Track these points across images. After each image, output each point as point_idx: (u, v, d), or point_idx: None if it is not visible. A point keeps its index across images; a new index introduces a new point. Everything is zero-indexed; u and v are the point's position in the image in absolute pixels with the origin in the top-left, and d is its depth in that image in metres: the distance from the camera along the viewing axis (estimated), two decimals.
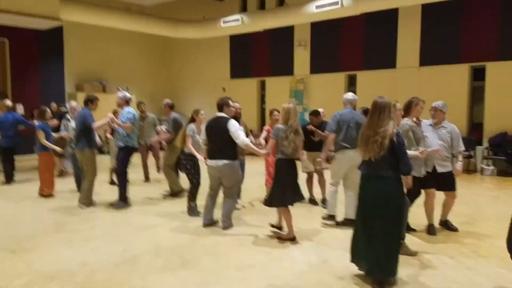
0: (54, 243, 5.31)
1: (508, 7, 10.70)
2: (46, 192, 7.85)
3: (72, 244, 5.25)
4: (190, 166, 6.51)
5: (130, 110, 7.08)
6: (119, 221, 6.35)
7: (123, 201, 7.10)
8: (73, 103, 8.91)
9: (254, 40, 15.46)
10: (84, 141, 7.05)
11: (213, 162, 5.71)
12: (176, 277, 4.23)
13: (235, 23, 13.88)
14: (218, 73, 16.67)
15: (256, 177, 8.11)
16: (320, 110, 7.39)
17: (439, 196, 5.65)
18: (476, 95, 11.58)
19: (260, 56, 15.49)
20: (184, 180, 7.30)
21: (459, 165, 5.61)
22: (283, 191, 5.21)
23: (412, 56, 12.21)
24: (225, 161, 5.65)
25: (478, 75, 11.46)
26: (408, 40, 12.22)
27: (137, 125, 7.30)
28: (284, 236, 5.38)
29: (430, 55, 11.89)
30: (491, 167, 10.67)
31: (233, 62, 16.39)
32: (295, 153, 5.27)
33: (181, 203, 7.00)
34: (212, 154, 5.76)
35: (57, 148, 8.04)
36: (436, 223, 5.75)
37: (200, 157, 6.27)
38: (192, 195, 6.58)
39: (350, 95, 6.20)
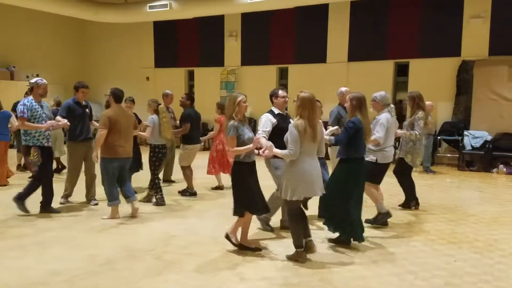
0: (5, 251, 4.59)
1: (427, 8, 11.52)
2: None
3: (28, 252, 4.57)
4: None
5: None
6: (67, 223, 5.68)
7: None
8: None
9: (180, 28, 14.86)
10: None
11: None
12: (170, 283, 3.86)
13: (163, 8, 13.22)
14: (141, 62, 15.76)
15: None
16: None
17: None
18: (399, 90, 12.36)
19: (188, 45, 14.93)
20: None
21: None
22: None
23: (341, 52, 12.64)
24: None
25: (401, 71, 12.26)
26: (338, 35, 12.62)
27: None
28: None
29: (358, 51, 12.41)
30: None
31: (158, 51, 15.62)
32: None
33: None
34: None
35: None
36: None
37: None
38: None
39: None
